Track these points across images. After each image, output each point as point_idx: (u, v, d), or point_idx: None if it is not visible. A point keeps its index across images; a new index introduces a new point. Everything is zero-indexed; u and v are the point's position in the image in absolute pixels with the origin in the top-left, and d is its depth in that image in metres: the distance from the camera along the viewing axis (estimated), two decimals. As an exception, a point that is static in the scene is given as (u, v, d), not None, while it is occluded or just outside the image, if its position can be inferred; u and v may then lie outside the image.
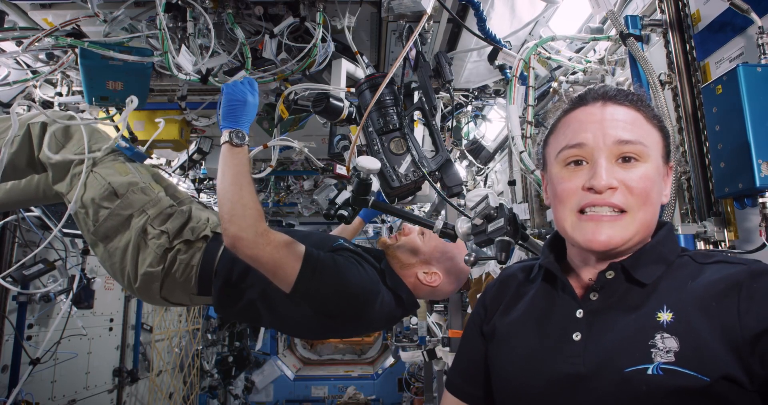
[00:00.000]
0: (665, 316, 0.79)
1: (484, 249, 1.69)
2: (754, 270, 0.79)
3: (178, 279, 1.80)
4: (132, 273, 1.82)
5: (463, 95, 2.88)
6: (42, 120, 1.90)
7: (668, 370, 0.74)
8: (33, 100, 2.65)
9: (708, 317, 0.76)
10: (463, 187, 1.60)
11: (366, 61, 1.97)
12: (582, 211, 0.86)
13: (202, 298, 1.86)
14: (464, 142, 3.56)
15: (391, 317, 1.81)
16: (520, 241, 1.31)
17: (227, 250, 1.57)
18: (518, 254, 2.91)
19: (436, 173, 1.61)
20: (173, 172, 3.42)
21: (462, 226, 1.44)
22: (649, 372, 0.75)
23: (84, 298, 3.46)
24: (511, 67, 2.02)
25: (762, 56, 1.27)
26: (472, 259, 1.52)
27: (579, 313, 0.88)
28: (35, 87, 2.55)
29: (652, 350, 0.77)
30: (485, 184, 3.87)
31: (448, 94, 1.76)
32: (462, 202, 1.51)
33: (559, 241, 1.00)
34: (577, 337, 0.86)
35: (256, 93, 1.67)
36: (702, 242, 1.45)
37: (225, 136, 1.59)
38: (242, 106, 1.62)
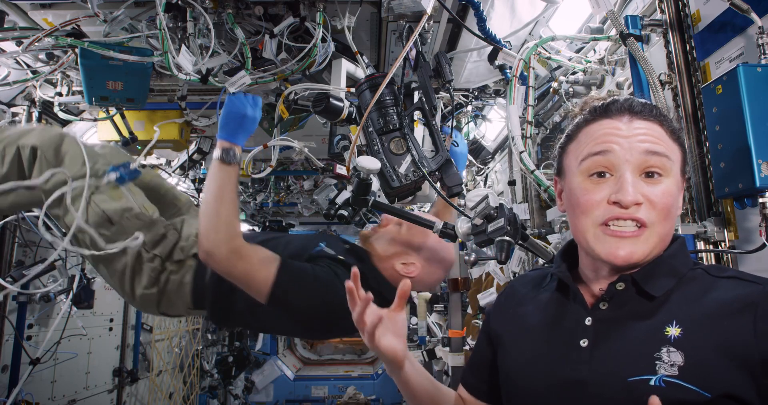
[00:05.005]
0: (674, 331, 0.79)
1: (484, 249, 1.69)
2: None
3: (173, 297, 1.85)
4: (130, 293, 1.87)
5: (463, 95, 2.88)
6: (32, 143, 1.86)
7: (670, 382, 0.75)
8: (33, 101, 2.65)
9: (718, 335, 0.77)
10: (464, 187, 1.59)
11: (366, 61, 1.97)
12: (605, 224, 0.86)
13: (198, 311, 1.90)
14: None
15: None
16: (520, 241, 1.31)
17: None
18: (518, 254, 2.90)
19: (436, 173, 1.61)
20: (173, 172, 3.42)
21: (462, 226, 1.44)
22: (652, 383, 0.76)
23: (84, 298, 3.46)
24: (511, 67, 2.02)
25: (762, 56, 1.27)
26: (472, 259, 1.53)
27: (588, 321, 0.89)
28: (35, 87, 2.55)
29: (656, 362, 0.78)
30: (485, 184, 3.88)
31: (448, 94, 1.76)
32: (462, 202, 1.51)
33: (572, 251, 1.00)
34: (584, 343, 0.87)
35: (258, 109, 1.70)
36: (702, 242, 1.45)
37: (217, 151, 1.61)
38: (239, 120, 1.65)
